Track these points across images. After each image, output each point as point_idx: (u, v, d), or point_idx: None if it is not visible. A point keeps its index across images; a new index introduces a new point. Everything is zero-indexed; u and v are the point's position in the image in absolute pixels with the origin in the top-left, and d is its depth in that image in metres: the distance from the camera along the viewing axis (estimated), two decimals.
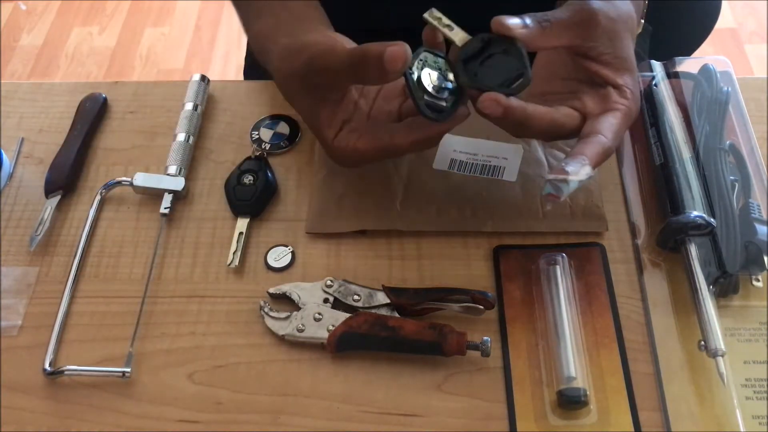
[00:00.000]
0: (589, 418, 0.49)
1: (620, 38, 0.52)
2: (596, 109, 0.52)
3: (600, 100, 0.52)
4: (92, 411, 0.51)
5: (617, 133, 0.51)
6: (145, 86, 0.70)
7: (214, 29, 2.06)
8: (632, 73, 0.53)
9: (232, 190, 0.61)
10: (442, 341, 0.50)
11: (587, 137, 0.50)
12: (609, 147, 0.50)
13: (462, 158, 0.61)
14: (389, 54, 0.47)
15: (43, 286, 0.57)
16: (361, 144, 0.53)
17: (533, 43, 0.50)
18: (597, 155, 0.49)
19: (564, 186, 0.48)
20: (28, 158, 0.65)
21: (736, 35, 1.91)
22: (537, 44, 0.50)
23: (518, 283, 0.55)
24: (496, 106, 0.49)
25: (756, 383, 0.50)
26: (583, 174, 0.48)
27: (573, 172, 0.48)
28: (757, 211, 0.55)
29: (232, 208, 0.60)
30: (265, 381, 0.52)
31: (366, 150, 0.53)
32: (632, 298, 0.54)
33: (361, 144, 0.53)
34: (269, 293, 0.55)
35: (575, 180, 0.48)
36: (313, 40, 0.54)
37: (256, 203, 0.60)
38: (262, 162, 0.62)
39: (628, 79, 0.52)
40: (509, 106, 0.49)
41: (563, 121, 0.51)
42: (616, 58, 0.52)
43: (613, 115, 0.51)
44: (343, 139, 0.53)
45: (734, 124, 0.61)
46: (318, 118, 0.54)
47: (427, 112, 0.50)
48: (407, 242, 0.58)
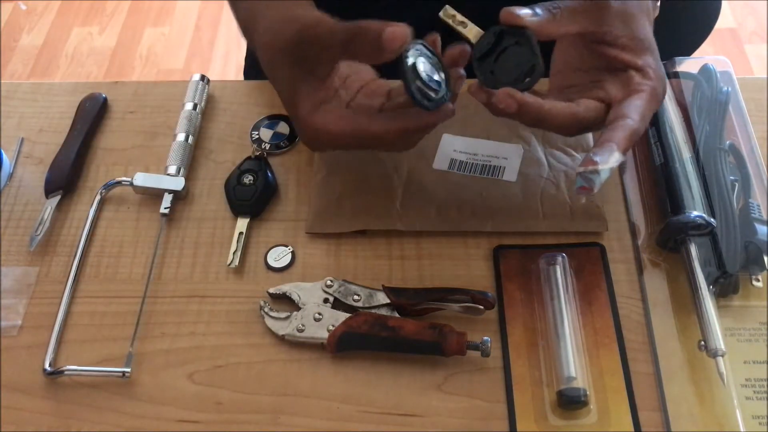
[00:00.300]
0: (589, 418, 0.49)
1: (635, 19, 0.51)
2: (620, 95, 0.50)
3: (622, 85, 0.50)
4: (92, 411, 0.51)
5: (644, 114, 0.49)
6: (145, 86, 0.70)
7: (214, 29, 2.06)
8: (652, 53, 0.51)
9: (232, 190, 0.61)
10: (442, 341, 0.50)
11: (613, 123, 0.49)
12: (636, 129, 0.49)
13: (462, 158, 0.61)
14: (389, 32, 0.46)
15: (43, 286, 0.57)
16: (335, 125, 0.51)
17: (545, 31, 0.49)
18: (624, 139, 0.48)
19: (595, 177, 0.47)
20: (28, 158, 0.65)
21: (736, 35, 1.91)
22: (549, 32, 0.49)
23: (518, 283, 0.55)
24: (511, 102, 0.48)
25: (756, 383, 0.50)
26: (613, 161, 0.47)
27: (602, 161, 0.47)
28: (757, 211, 0.55)
29: (232, 208, 0.60)
30: (265, 381, 0.52)
31: (340, 132, 0.51)
32: (632, 298, 0.54)
33: (335, 125, 0.51)
34: (269, 293, 0.55)
35: (606, 168, 0.47)
36: (304, 12, 0.53)
37: (256, 203, 0.60)
38: (262, 162, 0.62)
39: (649, 59, 0.51)
40: (524, 102, 0.48)
41: (584, 114, 0.50)
42: (632, 39, 0.51)
43: (638, 97, 0.50)
44: (318, 117, 0.51)
45: (734, 124, 0.61)
46: (297, 91, 0.52)
47: (418, 95, 0.49)
48: (407, 242, 0.58)
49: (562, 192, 0.59)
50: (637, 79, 0.50)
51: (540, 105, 0.49)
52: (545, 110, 0.49)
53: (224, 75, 1.92)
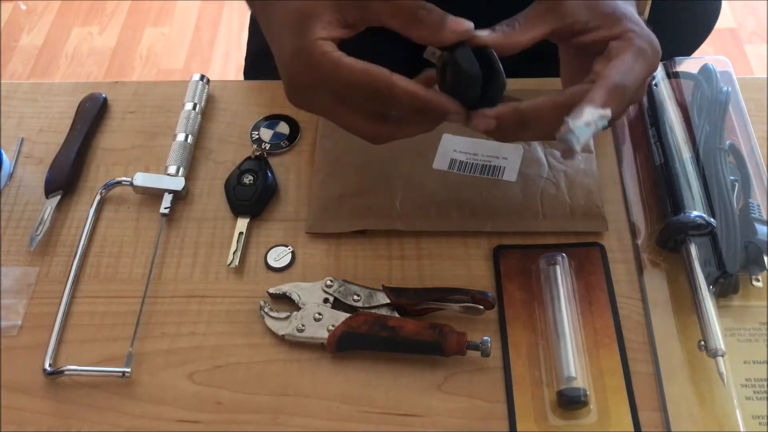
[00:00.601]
0: (589, 418, 0.49)
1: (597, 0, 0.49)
2: (603, 66, 0.48)
3: (605, 57, 0.49)
4: (92, 411, 0.51)
5: (629, 70, 0.47)
6: (145, 86, 0.70)
7: (214, 29, 2.06)
8: (628, 18, 0.49)
9: (232, 190, 0.61)
10: (442, 341, 0.50)
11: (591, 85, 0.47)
12: (617, 83, 0.46)
13: (462, 158, 0.61)
14: (456, 20, 0.46)
15: (43, 286, 0.57)
16: (350, 60, 0.46)
17: (510, 42, 0.48)
18: (603, 95, 0.45)
19: (571, 136, 0.45)
20: (28, 158, 0.65)
21: (736, 35, 1.91)
22: (514, 43, 0.48)
23: (518, 283, 0.55)
24: (488, 120, 0.47)
25: (756, 383, 0.50)
26: (589, 117, 0.45)
27: (574, 118, 0.45)
28: (757, 211, 0.55)
29: (232, 208, 0.60)
30: (265, 381, 0.52)
31: (354, 69, 0.46)
32: (632, 298, 0.54)
33: (350, 60, 0.46)
34: (269, 293, 0.55)
35: (581, 125, 0.45)
36: None
37: (256, 203, 0.60)
38: (262, 162, 0.62)
39: (624, 25, 0.49)
40: (499, 114, 0.47)
41: (568, 100, 0.47)
42: (601, 18, 0.49)
43: (619, 59, 0.47)
44: (330, 46, 0.46)
45: (734, 124, 0.61)
46: (319, 13, 0.47)
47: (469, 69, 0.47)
48: (407, 242, 0.58)
49: (562, 192, 0.59)
50: (615, 45, 0.48)
51: (515, 107, 0.48)
52: (523, 109, 0.47)
53: (224, 75, 1.92)
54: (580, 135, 0.45)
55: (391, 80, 0.46)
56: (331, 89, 0.48)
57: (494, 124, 0.47)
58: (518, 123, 0.48)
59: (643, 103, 0.63)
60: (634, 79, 0.47)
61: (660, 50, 0.50)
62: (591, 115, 0.44)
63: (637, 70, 0.47)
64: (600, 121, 0.45)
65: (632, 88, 0.47)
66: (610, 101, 0.45)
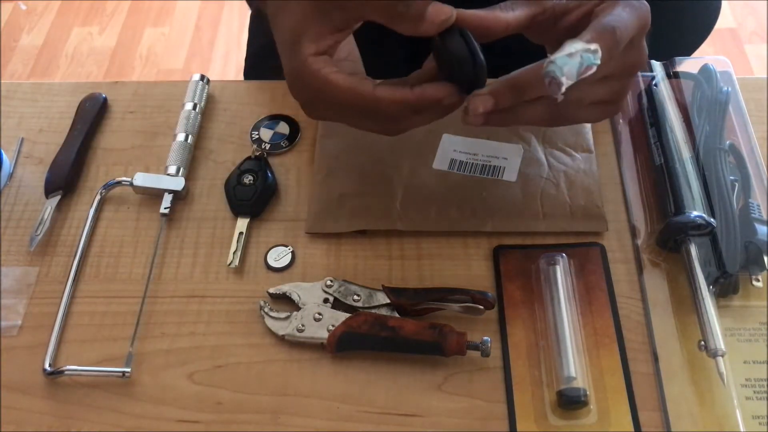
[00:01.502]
0: (589, 418, 0.49)
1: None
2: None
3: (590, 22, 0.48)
4: (92, 411, 0.51)
5: (616, 15, 0.46)
6: (145, 86, 0.70)
7: (214, 29, 2.06)
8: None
9: (232, 190, 0.61)
10: (442, 341, 0.50)
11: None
12: (603, 23, 0.45)
13: (462, 158, 0.61)
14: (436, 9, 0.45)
15: (43, 286, 0.57)
16: (336, 77, 0.47)
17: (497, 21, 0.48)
18: (589, 32, 0.45)
19: (553, 67, 0.44)
20: (28, 158, 0.65)
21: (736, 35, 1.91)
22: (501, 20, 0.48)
23: (518, 283, 0.55)
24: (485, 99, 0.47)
25: (756, 383, 0.50)
26: (569, 47, 0.44)
27: (558, 53, 0.44)
28: (757, 211, 0.55)
29: (232, 208, 0.60)
30: (265, 381, 0.52)
31: (340, 87, 0.47)
32: (632, 298, 0.54)
33: (336, 77, 0.47)
34: (269, 293, 0.55)
35: (561, 56, 0.43)
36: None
37: (256, 203, 0.60)
38: (262, 162, 0.62)
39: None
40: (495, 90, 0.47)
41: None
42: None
43: (606, 10, 0.47)
44: (320, 63, 0.47)
45: (734, 124, 0.61)
46: (306, 28, 0.48)
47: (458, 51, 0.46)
48: (407, 242, 0.58)
49: (562, 192, 0.59)
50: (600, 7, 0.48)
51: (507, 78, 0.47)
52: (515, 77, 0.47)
53: (224, 75, 1.92)
54: (562, 65, 0.43)
55: (374, 95, 0.47)
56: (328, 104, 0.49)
57: (492, 102, 0.47)
58: (515, 93, 0.47)
59: (643, 103, 0.63)
60: (624, 25, 0.46)
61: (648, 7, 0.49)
62: (573, 47, 0.44)
63: (626, 17, 0.46)
64: (587, 56, 0.43)
65: (623, 33, 0.46)
66: (597, 39, 0.44)
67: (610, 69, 0.47)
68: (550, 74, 0.44)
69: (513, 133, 0.62)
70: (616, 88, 0.50)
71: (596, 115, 0.52)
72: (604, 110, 0.52)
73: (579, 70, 0.44)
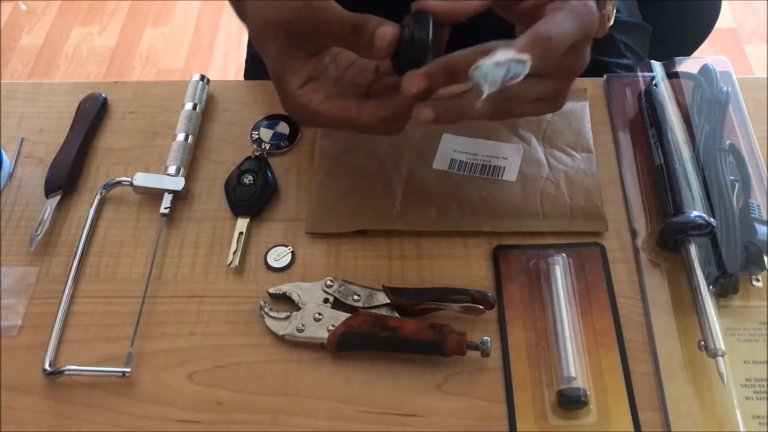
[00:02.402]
0: (589, 418, 0.49)
1: None
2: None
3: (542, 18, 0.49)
4: (92, 411, 0.51)
5: (556, 24, 0.47)
6: (145, 86, 0.70)
7: (214, 29, 2.06)
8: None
9: (232, 190, 0.61)
10: (442, 341, 0.50)
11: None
12: (539, 32, 0.46)
13: (462, 158, 0.61)
14: (381, 32, 0.47)
15: (43, 286, 0.57)
16: (324, 107, 0.51)
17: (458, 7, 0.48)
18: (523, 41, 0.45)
19: (477, 73, 0.44)
20: (28, 158, 0.65)
21: (736, 35, 1.91)
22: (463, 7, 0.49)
23: (518, 283, 0.55)
24: (418, 80, 0.47)
25: (756, 383, 0.50)
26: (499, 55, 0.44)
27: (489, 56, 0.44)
28: (757, 211, 0.55)
29: (232, 208, 0.60)
30: (265, 381, 0.52)
31: (328, 115, 0.51)
32: (632, 298, 0.54)
33: (324, 107, 0.51)
34: (269, 293, 0.55)
35: (488, 63, 0.44)
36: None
37: (256, 203, 0.60)
38: (262, 162, 0.62)
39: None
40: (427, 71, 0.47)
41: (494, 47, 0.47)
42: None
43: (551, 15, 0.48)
44: (307, 95, 0.51)
45: (734, 124, 0.61)
46: (286, 68, 0.52)
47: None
48: (407, 242, 0.58)
49: (562, 192, 0.59)
50: (551, 6, 0.48)
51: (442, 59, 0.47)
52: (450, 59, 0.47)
53: (224, 75, 1.92)
54: (487, 72, 0.44)
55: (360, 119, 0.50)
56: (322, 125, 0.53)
57: (425, 81, 0.47)
58: (448, 75, 0.47)
59: (643, 103, 0.63)
60: (562, 33, 0.47)
61: (596, 12, 0.50)
62: (503, 56, 0.44)
63: (566, 25, 0.47)
64: (515, 66, 0.44)
65: (560, 42, 0.46)
66: (530, 48, 0.45)
67: (548, 71, 0.49)
68: (474, 79, 0.44)
69: (513, 132, 0.62)
70: (554, 88, 0.51)
71: (537, 111, 0.53)
72: (545, 107, 0.53)
73: (504, 79, 0.44)
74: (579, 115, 0.63)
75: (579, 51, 0.49)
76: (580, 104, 0.64)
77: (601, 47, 0.76)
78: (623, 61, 0.76)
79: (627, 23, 0.78)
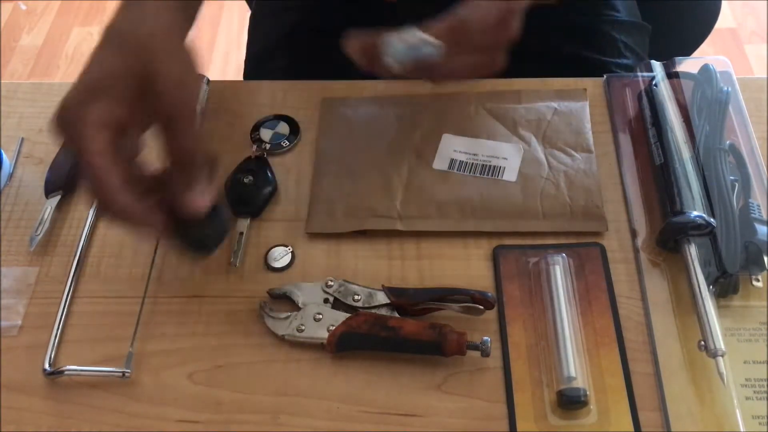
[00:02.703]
0: (589, 418, 0.49)
1: None
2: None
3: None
4: (92, 411, 0.51)
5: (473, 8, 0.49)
6: None
7: (214, 29, 2.06)
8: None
9: (232, 190, 0.61)
10: (442, 341, 0.50)
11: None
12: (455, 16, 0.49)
13: (462, 158, 0.61)
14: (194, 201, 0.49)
15: (43, 286, 0.57)
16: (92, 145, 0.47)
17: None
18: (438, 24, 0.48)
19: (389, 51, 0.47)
20: (28, 158, 0.65)
21: (736, 35, 1.91)
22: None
23: (518, 283, 0.55)
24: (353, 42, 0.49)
25: (756, 383, 0.50)
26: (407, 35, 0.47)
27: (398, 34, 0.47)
28: (757, 211, 0.55)
29: (232, 208, 0.60)
30: (265, 381, 0.51)
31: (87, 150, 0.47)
32: (632, 298, 0.54)
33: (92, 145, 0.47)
34: (269, 293, 0.55)
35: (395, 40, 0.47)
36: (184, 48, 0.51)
37: (256, 203, 0.60)
38: (262, 162, 0.62)
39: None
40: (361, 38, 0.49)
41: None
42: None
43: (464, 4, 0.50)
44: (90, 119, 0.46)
45: (734, 124, 0.61)
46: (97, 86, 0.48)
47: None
48: (407, 242, 0.58)
49: (562, 192, 0.59)
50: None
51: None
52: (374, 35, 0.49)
53: (224, 75, 1.92)
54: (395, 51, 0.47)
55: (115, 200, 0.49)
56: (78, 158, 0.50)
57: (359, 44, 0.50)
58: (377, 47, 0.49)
59: (643, 103, 0.63)
60: (479, 15, 0.49)
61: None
62: (413, 36, 0.46)
63: (483, 7, 0.49)
64: (425, 47, 0.46)
65: (478, 23, 0.49)
66: (445, 32, 0.48)
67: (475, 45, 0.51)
68: (384, 54, 0.47)
69: (513, 132, 0.62)
70: (486, 59, 0.53)
71: (472, 75, 0.55)
72: (479, 71, 0.54)
73: (416, 57, 0.47)
74: (579, 115, 0.64)
75: (505, 24, 0.51)
76: (580, 104, 0.64)
77: (601, 47, 0.76)
78: (623, 61, 0.76)
79: (627, 23, 0.78)
